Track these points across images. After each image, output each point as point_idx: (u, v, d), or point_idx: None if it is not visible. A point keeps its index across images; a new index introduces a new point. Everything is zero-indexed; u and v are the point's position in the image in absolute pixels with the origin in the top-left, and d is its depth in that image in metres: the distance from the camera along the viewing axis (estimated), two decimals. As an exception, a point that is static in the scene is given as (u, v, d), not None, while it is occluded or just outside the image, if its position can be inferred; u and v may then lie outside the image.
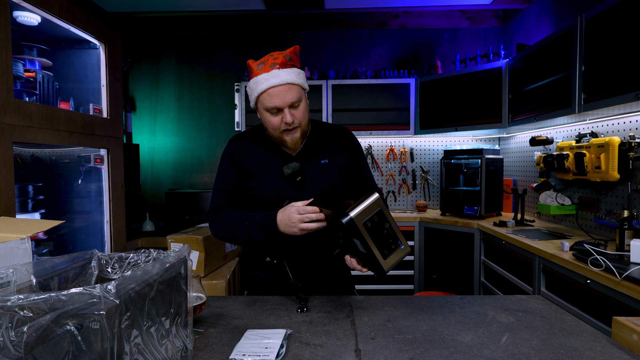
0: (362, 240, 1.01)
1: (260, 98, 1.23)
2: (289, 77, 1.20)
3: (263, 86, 1.20)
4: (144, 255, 0.86)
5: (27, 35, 1.97)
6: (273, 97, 1.20)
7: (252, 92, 1.24)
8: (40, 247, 1.98)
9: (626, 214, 1.82)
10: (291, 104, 1.22)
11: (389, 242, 1.05)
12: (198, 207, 3.37)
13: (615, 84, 1.78)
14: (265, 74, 1.20)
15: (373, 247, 1.02)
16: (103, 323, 0.54)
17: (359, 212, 1.01)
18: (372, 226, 1.02)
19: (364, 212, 1.01)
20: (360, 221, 1.00)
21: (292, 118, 1.22)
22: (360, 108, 3.46)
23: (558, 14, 2.82)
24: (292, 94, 1.21)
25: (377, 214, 1.03)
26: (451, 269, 3.06)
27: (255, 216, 1.21)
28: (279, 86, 1.20)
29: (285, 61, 1.22)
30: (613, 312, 1.48)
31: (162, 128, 3.92)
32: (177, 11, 3.38)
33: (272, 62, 1.22)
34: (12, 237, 0.94)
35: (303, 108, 1.26)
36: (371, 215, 1.02)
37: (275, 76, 1.19)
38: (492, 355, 0.85)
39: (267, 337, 0.91)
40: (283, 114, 1.22)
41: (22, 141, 1.62)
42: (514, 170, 3.29)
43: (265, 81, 1.20)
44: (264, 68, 1.21)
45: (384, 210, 1.05)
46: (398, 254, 1.06)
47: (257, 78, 1.22)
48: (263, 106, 1.23)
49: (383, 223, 1.04)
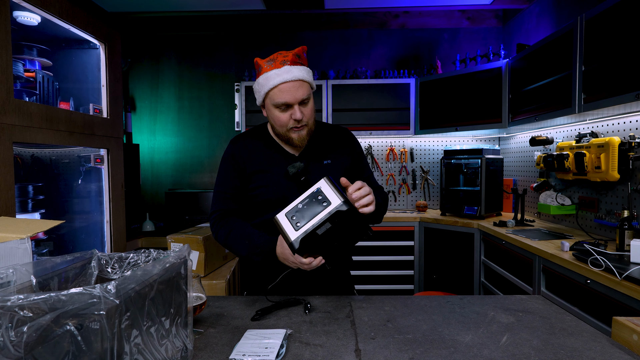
0: (319, 227, 0.98)
1: (270, 94, 1.22)
2: (300, 74, 1.20)
3: (274, 81, 1.19)
4: (144, 255, 0.86)
5: (27, 35, 1.97)
6: (284, 92, 1.20)
7: (261, 89, 1.23)
8: (40, 247, 1.98)
9: (626, 214, 1.82)
10: (301, 100, 1.22)
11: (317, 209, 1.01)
12: (198, 207, 3.37)
13: (615, 84, 1.78)
14: (276, 70, 1.20)
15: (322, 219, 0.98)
16: (103, 323, 0.54)
17: (293, 234, 0.99)
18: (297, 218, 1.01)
19: (291, 231, 0.99)
20: (298, 239, 0.98)
21: (302, 115, 1.22)
22: (360, 108, 3.46)
23: (558, 14, 2.82)
24: (302, 91, 1.21)
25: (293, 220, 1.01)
26: (451, 269, 3.06)
27: (256, 237, 1.20)
28: (290, 82, 1.19)
29: (295, 59, 1.22)
30: (613, 312, 1.48)
31: (162, 128, 3.92)
32: (177, 11, 3.38)
33: (282, 59, 1.21)
34: (12, 237, 0.94)
35: (311, 106, 1.26)
36: (292, 225, 1.00)
37: (288, 72, 1.19)
38: (492, 355, 0.85)
39: (267, 337, 0.91)
40: (292, 110, 1.22)
41: (22, 141, 1.62)
42: (514, 170, 3.29)
43: (276, 76, 1.19)
44: (274, 65, 1.21)
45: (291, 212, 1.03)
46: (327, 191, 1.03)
47: (267, 74, 1.21)
48: (272, 102, 1.23)
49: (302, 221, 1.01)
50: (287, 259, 1.10)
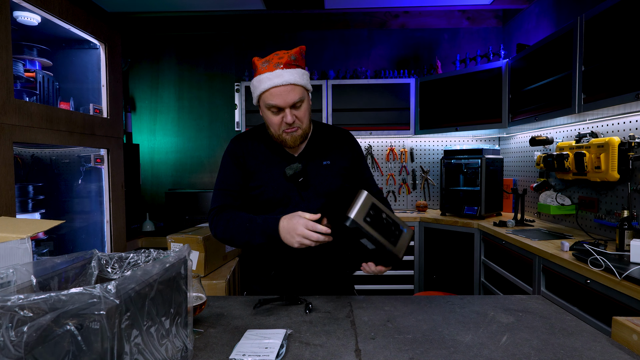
0: (369, 236, 1.03)
1: (262, 96, 1.23)
2: (292, 78, 1.20)
3: (265, 85, 1.20)
4: (144, 255, 0.86)
5: (27, 35, 1.97)
6: (275, 96, 1.20)
7: (255, 90, 1.25)
8: (40, 247, 1.98)
9: (626, 214, 1.83)
10: (293, 104, 1.22)
11: (392, 230, 1.08)
12: (198, 207, 3.37)
13: (615, 84, 1.78)
14: (268, 73, 1.20)
15: (381, 239, 1.04)
16: (103, 323, 0.54)
17: (357, 211, 1.02)
18: (372, 220, 1.04)
19: (360, 210, 1.03)
20: (360, 219, 1.02)
21: (293, 118, 1.22)
22: (360, 108, 3.46)
23: (558, 14, 2.83)
24: (293, 95, 1.21)
25: (372, 208, 1.05)
26: (451, 269, 3.06)
27: (258, 218, 1.20)
28: (281, 86, 1.19)
29: (290, 61, 1.22)
30: (613, 312, 1.48)
31: (162, 128, 3.92)
32: (177, 11, 3.38)
33: (276, 61, 1.21)
34: (12, 237, 0.94)
35: (305, 108, 1.26)
36: (367, 210, 1.04)
37: (278, 76, 1.19)
38: (492, 355, 0.85)
39: (267, 337, 0.91)
40: (284, 113, 1.22)
41: (22, 141, 1.62)
42: (514, 170, 3.29)
43: (268, 80, 1.20)
44: (268, 67, 1.21)
45: (377, 203, 1.08)
46: (404, 238, 1.09)
47: (260, 77, 1.22)
48: (264, 104, 1.24)
49: (380, 214, 1.07)
50: (295, 230, 1.10)
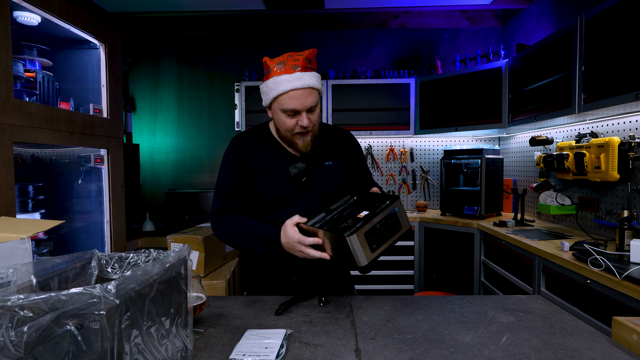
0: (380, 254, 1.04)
1: (279, 99, 1.21)
2: (312, 81, 1.19)
3: (285, 87, 1.18)
4: (144, 255, 0.86)
5: (27, 35, 1.97)
6: (294, 99, 1.19)
7: (270, 92, 1.22)
8: (40, 247, 1.98)
9: (626, 214, 1.82)
10: (309, 107, 1.21)
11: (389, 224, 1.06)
12: (198, 207, 3.37)
13: (615, 84, 1.78)
14: (287, 75, 1.18)
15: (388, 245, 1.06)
16: (103, 323, 0.54)
17: (363, 255, 0.99)
18: (374, 239, 1.02)
19: (364, 250, 1.00)
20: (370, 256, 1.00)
21: (309, 122, 1.22)
22: (360, 108, 3.46)
23: (558, 14, 2.82)
24: (312, 98, 1.20)
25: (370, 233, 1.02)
26: (451, 269, 3.06)
27: (259, 230, 1.21)
28: (301, 89, 1.18)
29: (306, 64, 1.21)
30: (613, 312, 1.48)
31: (162, 128, 3.92)
32: (177, 11, 3.38)
33: (292, 63, 1.20)
34: (12, 237, 0.94)
35: (318, 112, 1.26)
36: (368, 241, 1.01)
37: (299, 79, 1.18)
38: (492, 355, 0.85)
39: (267, 337, 0.91)
40: (300, 117, 1.21)
41: (22, 141, 1.62)
42: (514, 170, 3.29)
43: (287, 82, 1.18)
44: (285, 69, 1.19)
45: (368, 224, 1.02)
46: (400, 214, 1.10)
47: (278, 78, 1.19)
48: (280, 107, 1.21)
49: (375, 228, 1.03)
50: (293, 247, 1.12)
